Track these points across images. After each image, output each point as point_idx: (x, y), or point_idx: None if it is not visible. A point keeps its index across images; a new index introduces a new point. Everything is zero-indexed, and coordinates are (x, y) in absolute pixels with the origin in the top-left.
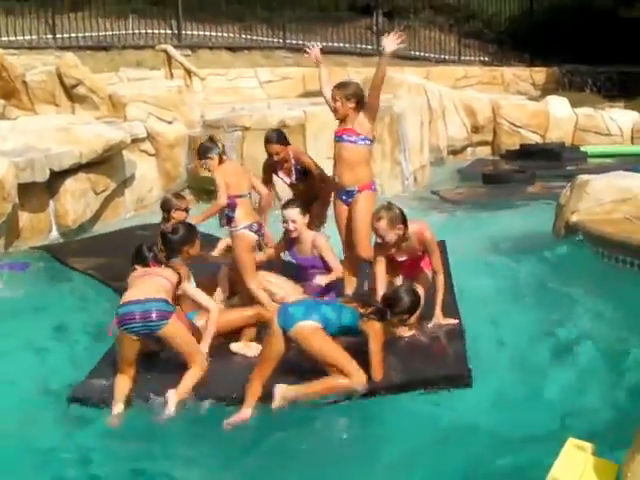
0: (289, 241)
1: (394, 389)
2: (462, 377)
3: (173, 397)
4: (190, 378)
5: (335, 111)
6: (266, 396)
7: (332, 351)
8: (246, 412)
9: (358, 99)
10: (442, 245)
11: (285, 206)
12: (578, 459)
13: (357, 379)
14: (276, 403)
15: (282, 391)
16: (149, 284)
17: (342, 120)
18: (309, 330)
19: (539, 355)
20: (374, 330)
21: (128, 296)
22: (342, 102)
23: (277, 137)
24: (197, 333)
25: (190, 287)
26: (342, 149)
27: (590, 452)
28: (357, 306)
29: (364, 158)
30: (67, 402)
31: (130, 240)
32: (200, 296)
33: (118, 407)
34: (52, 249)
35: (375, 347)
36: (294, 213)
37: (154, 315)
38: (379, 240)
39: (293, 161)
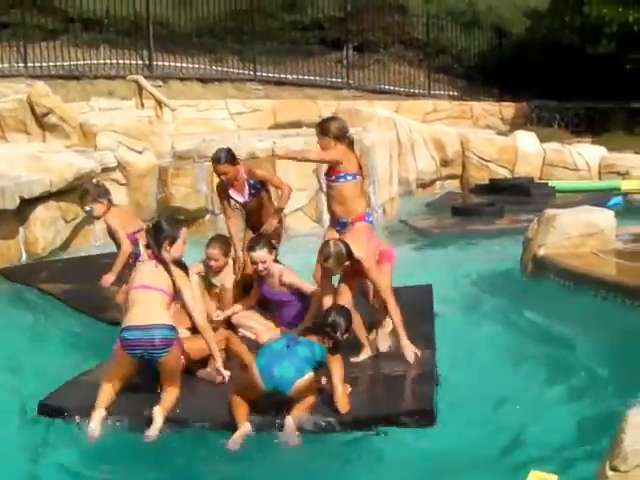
0: (259, 278)
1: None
2: (426, 414)
3: (158, 415)
4: (170, 399)
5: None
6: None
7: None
8: (246, 426)
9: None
10: (429, 291)
11: (251, 248)
12: None
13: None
14: (293, 438)
15: (292, 424)
16: (151, 304)
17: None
18: (305, 385)
19: (505, 387)
20: (339, 362)
21: (132, 319)
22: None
23: (224, 157)
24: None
25: (189, 300)
26: (330, 188)
27: None
28: (319, 340)
29: (354, 193)
30: (37, 411)
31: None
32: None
33: (98, 417)
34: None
35: (341, 379)
36: (262, 254)
37: (158, 343)
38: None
39: (245, 176)
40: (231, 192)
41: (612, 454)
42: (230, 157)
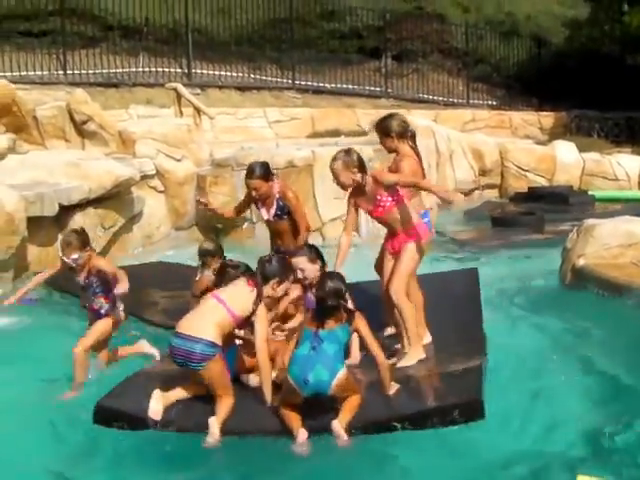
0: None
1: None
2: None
3: (214, 425)
4: (224, 409)
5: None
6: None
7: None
8: (303, 433)
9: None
10: (474, 273)
11: (293, 254)
12: None
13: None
14: (342, 440)
15: (339, 427)
16: (209, 317)
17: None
18: (343, 381)
19: (552, 390)
20: (362, 322)
21: (182, 325)
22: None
23: (258, 171)
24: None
25: (259, 340)
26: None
27: None
28: (336, 321)
29: (399, 212)
30: (93, 415)
31: (143, 274)
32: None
33: (158, 396)
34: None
35: (370, 335)
36: (300, 260)
37: (195, 357)
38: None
39: (277, 195)
40: (259, 204)
41: None
42: (264, 172)
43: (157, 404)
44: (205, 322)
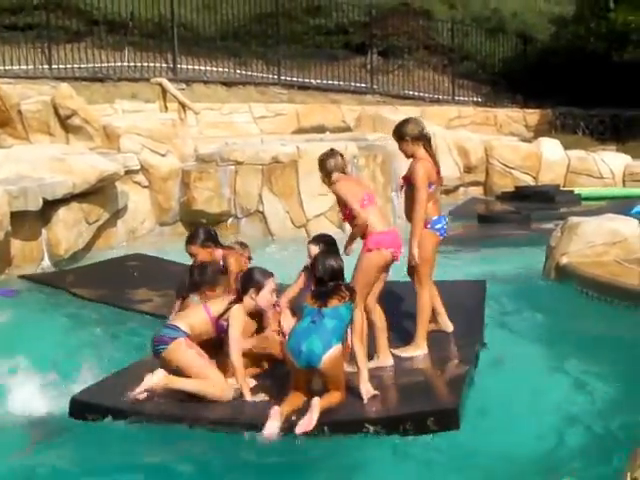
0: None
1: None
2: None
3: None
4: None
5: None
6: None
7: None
8: (272, 425)
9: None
10: (482, 285)
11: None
12: None
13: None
14: (308, 421)
15: (317, 404)
16: (186, 312)
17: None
18: (335, 358)
19: (533, 386)
20: (357, 319)
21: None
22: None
23: (199, 237)
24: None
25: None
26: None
27: None
28: (340, 299)
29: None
30: (70, 406)
31: (122, 269)
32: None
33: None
34: (42, 278)
35: (361, 338)
36: (312, 247)
37: (159, 340)
38: None
39: (221, 262)
40: None
41: (633, 464)
42: (204, 239)
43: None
44: (183, 315)
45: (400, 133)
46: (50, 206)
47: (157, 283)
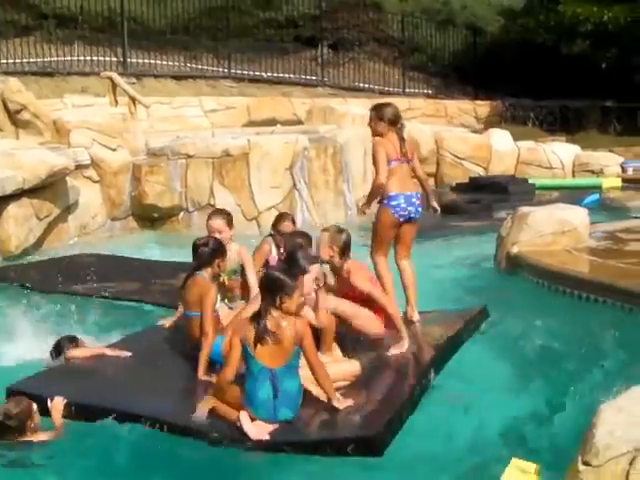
0: None
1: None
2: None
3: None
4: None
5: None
6: None
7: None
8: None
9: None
10: (484, 311)
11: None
12: None
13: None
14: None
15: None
16: None
17: None
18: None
19: (481, 382)
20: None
21: None
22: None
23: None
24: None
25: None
26: None
27: (534, 472)
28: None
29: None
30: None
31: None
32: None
33: None
34: None
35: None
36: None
37: None
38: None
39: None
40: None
41: (584, 449)
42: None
43: None
44: None
45: (380, 114)
46: (0, 202)
47: (110, 274)
